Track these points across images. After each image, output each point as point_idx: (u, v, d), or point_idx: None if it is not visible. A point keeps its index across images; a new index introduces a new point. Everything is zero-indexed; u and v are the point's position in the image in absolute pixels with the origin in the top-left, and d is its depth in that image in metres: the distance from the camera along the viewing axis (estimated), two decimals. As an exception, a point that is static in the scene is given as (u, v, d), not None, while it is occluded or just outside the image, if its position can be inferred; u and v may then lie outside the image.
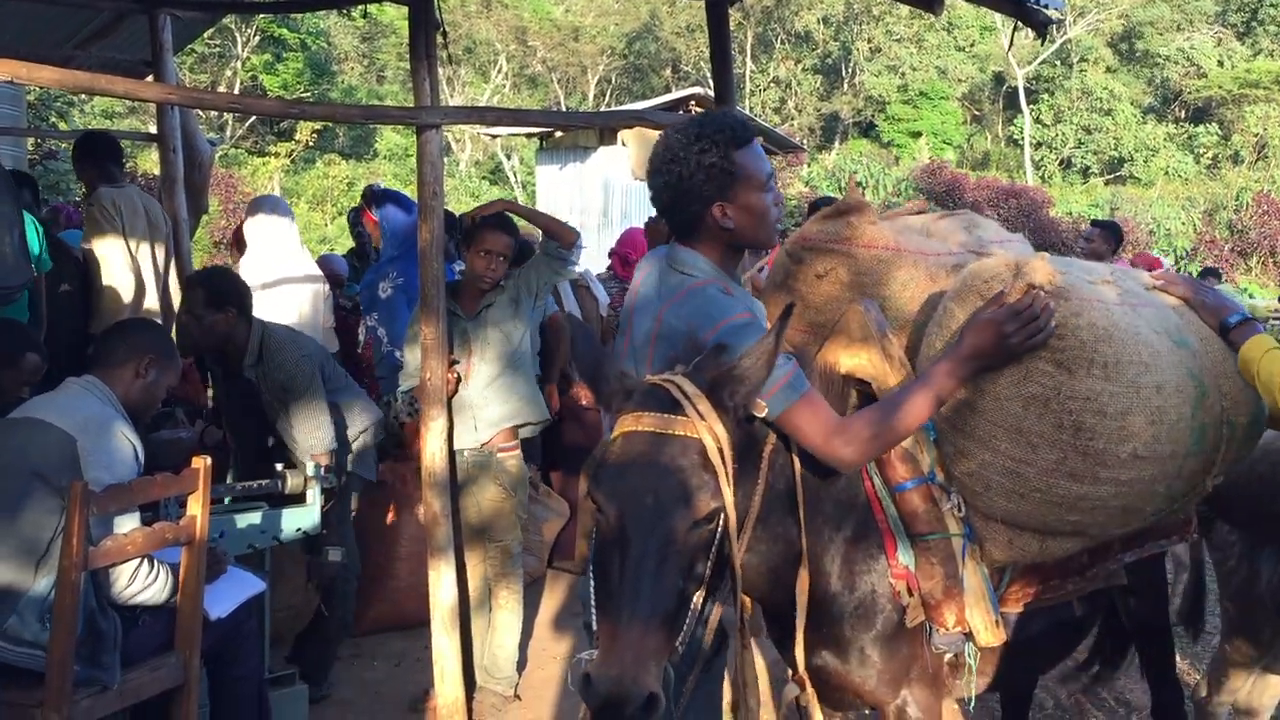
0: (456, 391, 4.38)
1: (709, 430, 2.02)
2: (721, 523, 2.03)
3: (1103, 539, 2.62)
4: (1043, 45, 31.55)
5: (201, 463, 3.31)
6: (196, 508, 3.29)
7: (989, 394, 2.33)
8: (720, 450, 2.02)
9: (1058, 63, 39.16)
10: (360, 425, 4.63)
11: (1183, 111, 39.41)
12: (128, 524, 3.18)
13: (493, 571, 4.60)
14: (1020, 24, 5.64)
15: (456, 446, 4.40)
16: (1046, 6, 5.44)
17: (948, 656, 2.54)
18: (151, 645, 3.30)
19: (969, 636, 2.49)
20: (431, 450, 4.28)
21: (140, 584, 3.18)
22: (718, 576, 2.10)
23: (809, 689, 2.50)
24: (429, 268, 4.27)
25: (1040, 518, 2.41)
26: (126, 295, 5.48)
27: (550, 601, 5.90)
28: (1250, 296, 16.68)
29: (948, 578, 2.43)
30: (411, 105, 4.45)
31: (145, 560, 3.19)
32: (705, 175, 2.35)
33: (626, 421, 2.07)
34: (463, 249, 4.62)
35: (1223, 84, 37.53)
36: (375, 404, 4.90)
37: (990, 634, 2.47)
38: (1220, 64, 39.69)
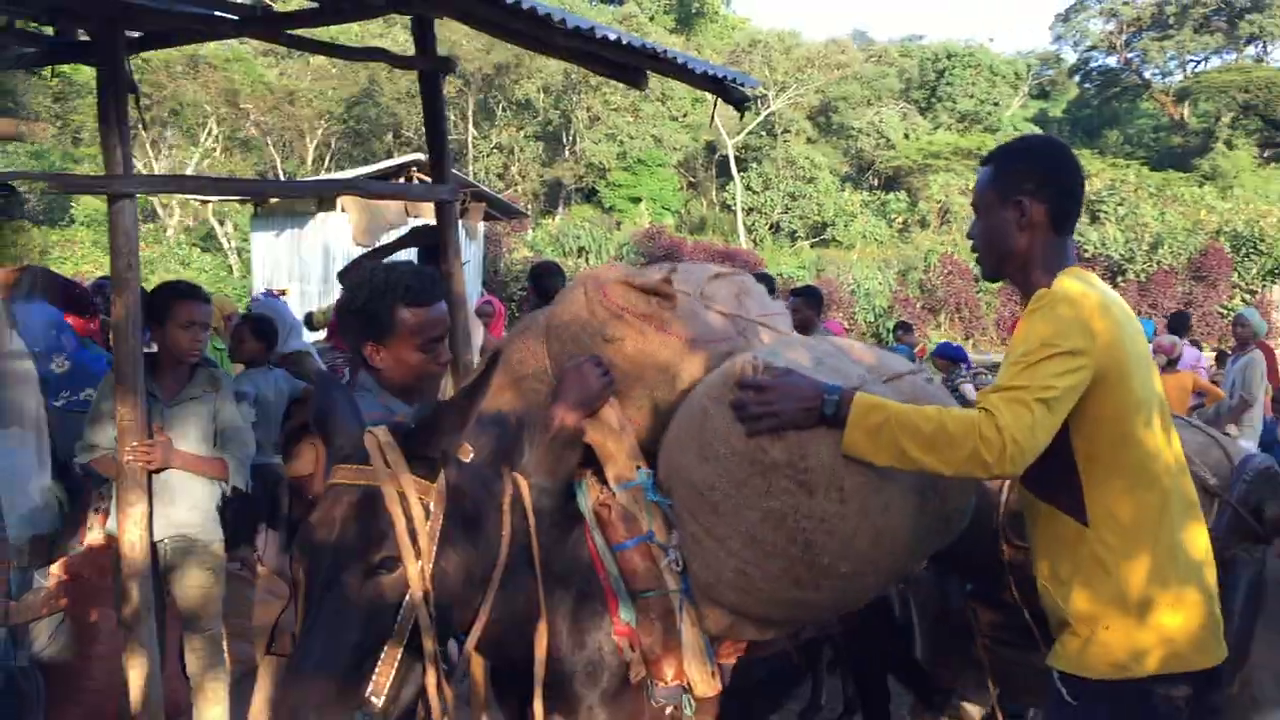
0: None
1: (391, 479, 2.05)
2: (408, 575, 2.03)
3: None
4: (742, 119, 33.40)
5: None
6: None
7: (732, 499, 2.42)
8: (403, 499, 2.04)
9: (764, 133, 41.59)
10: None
11: (876, 180, 42.62)
12: None
13: (201, 664, 4.33)
14: (721, 100, 5.96)
15: (156, 536, 4.13)
16: (743, 85, 5.79)
17: (668, 709, 2.60)
18: None
19: (687, 688, 2.55)
20: (130, 539, 4.00)
21: None
22: (442, 629, 2.13)
23: None
24: (125, 344, 4.02)
25: (762, 612, 2.54)
26: None
27: (265, 692, 5.57)
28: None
29: (666, 633, 2.50)
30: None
31: None
32: (366, 317, 2.67)
33: (330, 476, 2.12)
34: (151, 325, 4.31)
35: (909, 154, 40.91)
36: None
37: (706, 685, 2.55)
38: (906, 136, 43.27)
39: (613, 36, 4.80)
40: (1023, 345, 2.30)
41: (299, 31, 5.47)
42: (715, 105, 6.13)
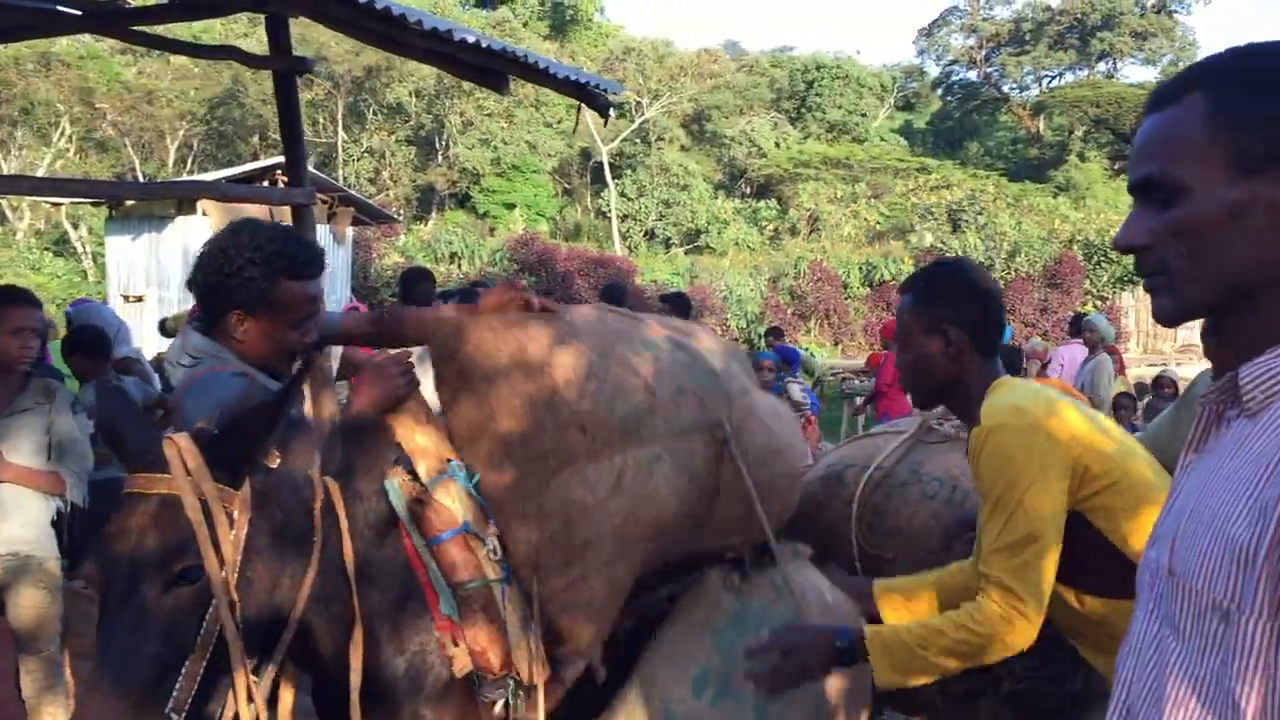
0: None
1: (192, 486, 1.98)
2: (212, 584, 1.97)
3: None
4: (606, 124, 33.37)
5: None
6: None
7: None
8: (205, 506, 1.98)
9: (638, 140, 41.80)
10: None
11: (748, 188, 43.25)
12: None
13: (36, 687, 4.11)
14: (585, 106, 5.97)
15: (-13, 552, 3.92)
16: (606, 91, 5.80)
17: (498, 707, 2.57)
18: None
19: (515, 677, 2.52)
20: (-42, 558, 3.79)
21: None
22: (262, 642, 2.09)
23: None
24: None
25: None
26: None
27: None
28: (812, 355, 18.41)
29: (490, 622, 2.46)
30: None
31: None
32: (240, 283, 2.44)
33: (126, 485, 2.03)
34: None
35: (780, 163, 41.63)
36: None
37: (534, 673, 2.52)
38: (777, 145, 44.03)
39: (471, 39, 4.74)
40: (993, 495, 2.28)
41: (152, 29, 5.29)
42: (580, 111, 6.13)
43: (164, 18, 5.32)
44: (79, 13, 4.97)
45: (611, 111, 6.14)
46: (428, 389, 2.63)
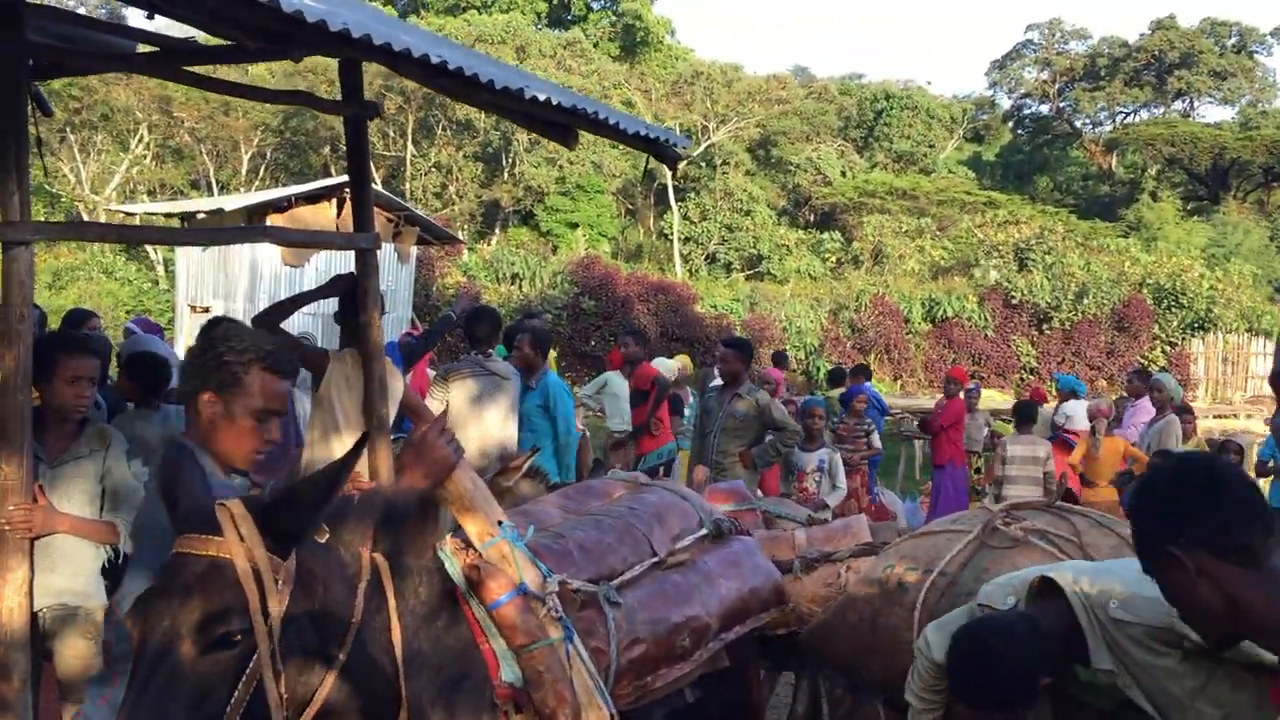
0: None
1: (244, 551, 1.97)
2: (259, 651, 1.96)
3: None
4: (675, 176, 33.17)
5: None
6: None
7: None
8: (256, 571, 1.97)
9: (703, 164, 41.77)
10: None
11: (812, 215, 43.02)
12: None
13: (80, 738, 4.12)
14: (654, 158, 5.92)
15: (36, 605, 3.91)
16: (676, 145, 5.75)
17: None
18: None
19: None
20: (10, 605, 3.77)
21: None
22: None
23: None
24: (13, 401, 3.81)
25: None
26: None
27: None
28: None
29: (558, 682, 2.44)
30: None
31: None
32: (216, 365, 2.63)
33: (176, 545, 2.04)
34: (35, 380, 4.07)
35: (845, 192, 41.37)
36: None
37: None
38: (843, 174, 43.77)
39: (542, 96, 4.69)
40: None
41: (211, 69, 5.30)
42: (648, 162, 6.10)
43: (232, 59, 5.34)
44: (140, 50, 4.98)
45: (680, 149, 6.09)
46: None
